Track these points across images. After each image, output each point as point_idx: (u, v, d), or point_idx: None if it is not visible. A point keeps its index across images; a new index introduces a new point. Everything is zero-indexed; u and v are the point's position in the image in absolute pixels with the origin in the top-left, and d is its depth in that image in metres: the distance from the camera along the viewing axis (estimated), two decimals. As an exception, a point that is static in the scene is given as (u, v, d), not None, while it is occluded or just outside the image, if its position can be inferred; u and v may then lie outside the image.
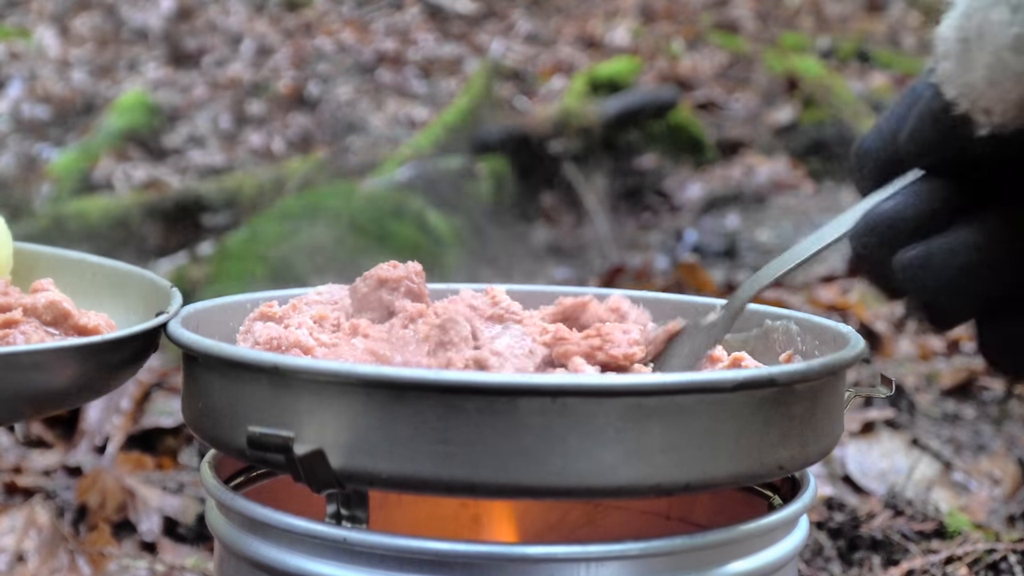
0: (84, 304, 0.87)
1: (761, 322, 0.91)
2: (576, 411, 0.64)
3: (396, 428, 0.65)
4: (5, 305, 0.79)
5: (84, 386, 0.77)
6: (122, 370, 0.80)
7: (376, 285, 0.83)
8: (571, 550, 0.67)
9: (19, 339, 0.76)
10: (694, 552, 0.69)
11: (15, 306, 0.79)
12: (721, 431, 0.67)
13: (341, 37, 5.40)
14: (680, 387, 0.66)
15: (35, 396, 0.73)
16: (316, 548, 0.69)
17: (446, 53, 5.32)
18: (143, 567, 1.37)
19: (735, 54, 5.34)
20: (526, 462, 0.64)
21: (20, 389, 0.72)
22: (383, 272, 0.83)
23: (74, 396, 0.78)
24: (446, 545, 0.67)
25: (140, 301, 0.88)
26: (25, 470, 1.61)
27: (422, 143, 3.73)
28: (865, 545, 1.39)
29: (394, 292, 0.82)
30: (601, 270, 3.21)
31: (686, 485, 0.67)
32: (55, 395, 0.75)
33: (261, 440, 0.67)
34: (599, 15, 5.85)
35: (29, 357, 0.72)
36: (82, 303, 0.87)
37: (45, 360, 0.72)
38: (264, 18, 5.68)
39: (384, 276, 0.83)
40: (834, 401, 0.75)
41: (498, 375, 0.71)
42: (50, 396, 0.75)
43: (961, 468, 1.64)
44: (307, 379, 0.67)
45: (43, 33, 5.38)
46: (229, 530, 0.75)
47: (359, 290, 0.84)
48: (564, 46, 5.50)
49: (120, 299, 0.90)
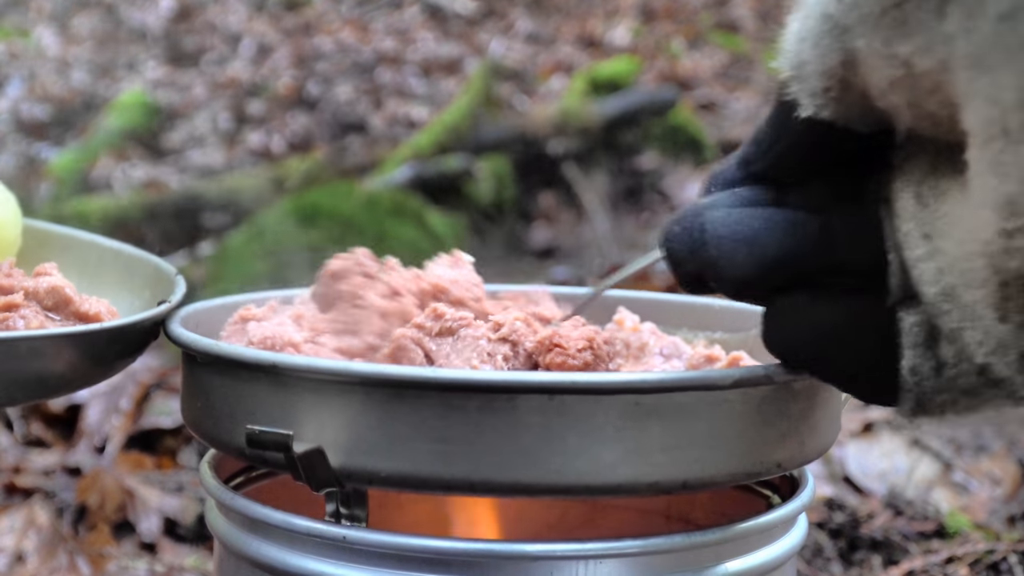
0: (89, 287, 0.87)
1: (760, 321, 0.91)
2: (575, 409, 0.64)
3: (395, 426, 0.65)
4: (7, 287, 0.79)
5: (82, 374, 0.77)
6: (121, 358, 0.80)
7: (330, 280, 0.82)
8: (570, 548, 0.67)
9: (19, 323, 0.76)
10: (693, 550, 0.69)
11: (17, 289, 0.79)
12: (719, 429, 0.67)
13: (341, 37, 5.40)
14: (678, 385, 0.66)
15: (30, 382, 0.73)
16: (316, 547, 0.69)
17: (446, 53, 5.32)
18: (143, 567, 1.37)
19: (735, 54, 5.34)
20: (525, 460, 0.64)
21: (17, 375, 0.71)
22: (333, 266, 0.82)
23: (71, 383, 0.78)
24: (445, 543, 0.67)
25: (146, 287, 0.88)
26: (24, 470, 1.61)
27: (422, 143, 3.73)
28: (865, 545, 1.39)
29: (349, 281, 0.82)
30: (601, 270, 3.21)
31: (684, 483, 0.67)
32: (52, 381, 0.75)
33: (260, 438, 0.67)
34: (599, 15, 5.85)
35: (26, 343, 0.71)
36: (88, 286, 0.87)
37: (42, 347, 0.72)
38: (263, 18, 5.68)
39: (334, 269, 0.82)
40: (832, 399, 0.75)
41: (498, 373, 0.71)
42: (46, 382, 0.75)
43: (961, 468, 1.64)
44: (306, 377, 0.67)
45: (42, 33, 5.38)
46: (229, 530, 0.75)
47: (318, 291, 0.83)
48: (564, 46, 5.50)
49: (126, 283, 0.90)
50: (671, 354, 0.88)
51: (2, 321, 0.76)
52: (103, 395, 1.77)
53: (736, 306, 0.94)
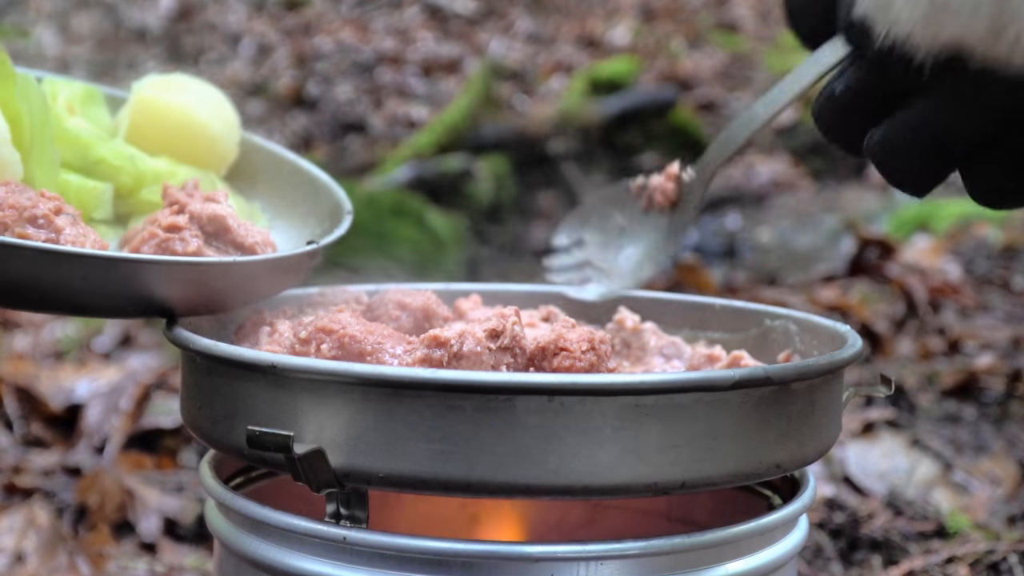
0: (287, 210, 0.93)
1: (760, 321, 0.91)
2: (573, 410, 0.64)
3: (394, 427, 0.65)
4: (182, 206, 0.82)
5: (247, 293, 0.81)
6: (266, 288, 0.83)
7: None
8: (571, 549, 0.67)
9: (177, 245, 0.79)
10: (694, 551, 0.69)
11: (186, 211, 0.81)
12: (719, 430, 0.67)
13: (341, 36, 5.40)
14: (678, 386, 0.66)
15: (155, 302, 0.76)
16: (316, 547, 0.69)
17: (446, 53, 5.32)
18: (142, 567, 1.37)
19: (735, 54, 5.34)
20: (523, 461, 0.64)
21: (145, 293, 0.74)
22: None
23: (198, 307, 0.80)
24: (445, 544, 0.67)
25: (327, 217, 0.91)
26: (25, 470, 1.61)
27: (422, 143, 3.73)
28: (865, 545, 1.39)
29: None
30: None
31: (683, 484, 0.67)
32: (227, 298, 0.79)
33: (261, 439, 0.67)
34: (599, 15, 5.85)
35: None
36: (286, 208, 0.93)
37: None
38: (263, 17, 5.68)
39: None
40: (832, 400, 0.75)
41: (496, 374, 0.71)
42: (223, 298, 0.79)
43: (961, 468, 1.64)
44: (305, 378, 0.67)
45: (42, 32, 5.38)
46: (229, 530, 0.75)
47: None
48: (564, 46, 5.50)
49: (314, 211, 0.94)
50: (672, 354, 0.88)
51: (165, 240, 0.79)
52: (103, 395, 1.77)
53: (736, 306, 0.94)
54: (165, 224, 0.80)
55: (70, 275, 0.72)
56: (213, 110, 0.94)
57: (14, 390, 1.80)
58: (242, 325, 0.83)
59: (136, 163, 0.89)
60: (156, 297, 0.75)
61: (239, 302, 0.81)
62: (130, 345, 2.19)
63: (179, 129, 0.93)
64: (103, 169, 0.87)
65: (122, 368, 1.91)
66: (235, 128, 0.96)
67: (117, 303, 0.75)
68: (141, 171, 0.89)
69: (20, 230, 0.73)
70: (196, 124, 0.93)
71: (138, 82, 0.95)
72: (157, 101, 0.94)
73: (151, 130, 0.93)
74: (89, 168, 0.87)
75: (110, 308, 0.76)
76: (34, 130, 0.81)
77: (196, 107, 0.94)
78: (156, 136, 0.92)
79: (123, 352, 2.14)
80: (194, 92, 0.95)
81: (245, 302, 0.82)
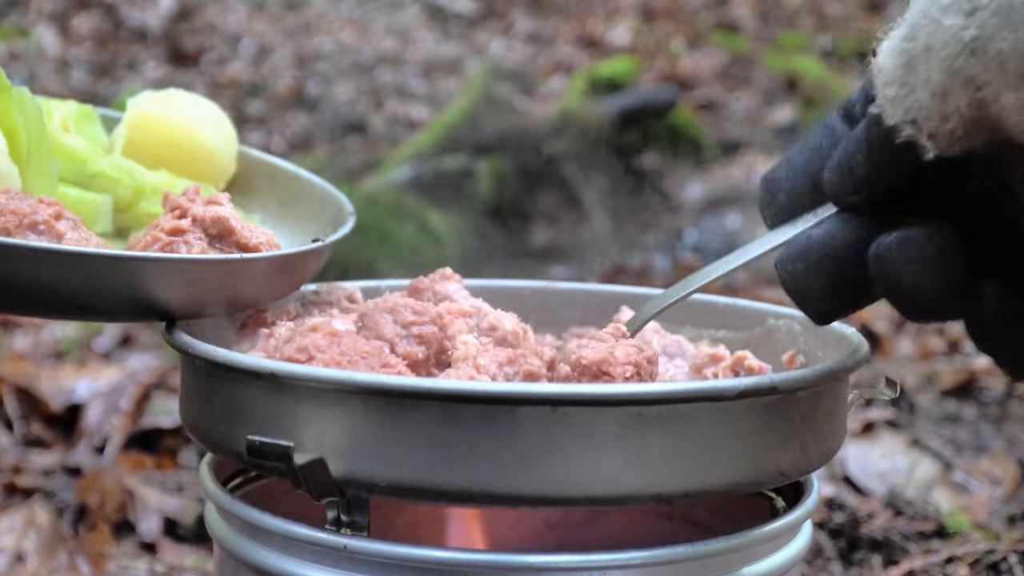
0: (290, 217, 0.94)
1: (764, 321, 0.91)
2: (576, 420, 0.64)
3: (395, 436, 0.65)
4: (184, 211, 0.81)
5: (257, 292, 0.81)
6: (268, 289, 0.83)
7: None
8: (574, 559, 0.67)
9: (181, 248, 0.79)
10: (697, 560, 0.69)
11: (188, 215, 0.81)
12: (723, 439, 0.67)
13: (341, 37, 5.40)
14: (682, 396, 0.66)
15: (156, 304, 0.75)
16: (316, 555, 0.69)
17: (446, 53, 5.32)
18: (142, 567, 1.37)
19: (735, 54, 5.34)
20: (526, 470, 0.64)
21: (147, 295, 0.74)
22: None
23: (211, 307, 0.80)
24: (447, 553, 0.67)
25: (330, 223, 0.91)
26: (25, 470, 1.61)
27: (422, 143, 3.73)
28: (865, 545, 1.39)
29: None
30: (601, 270, 3.21)
31: (686, 493, 0.67)
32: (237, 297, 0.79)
33: (261, 449, 0.67)
34: (599, 15, 5.85)
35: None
36: (289, 215, 0.94)
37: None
38: (263, 18, 5.67)
39: None
40: (837, 406, 0.75)
41: (498, 384, 0.70)
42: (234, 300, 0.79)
43: (961, 468, 1.64)
44: (306, 386, 0.66)
45: (42, 32, 5.38)
46: (229, 534, 0.74)
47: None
48: (564, 46, 5.49)
49: (316, 217, 0.94)
50: (675, 353, 0.87)
51: (168, 244, 0.79)
52: (103, 395, 1.77)
53: (739, 304, 0.94)
54: (168, 228, 0.79)
55: (74, 276, 0.71)
56: (211, 124, 0.94)
57: (14, 390, 1.80)
58: (244, 324, 0.83)
59: (134, 175, 0.88)
60: (161, 298, 0.75)
61: (245, 304, 0.80)
62: (130, 345, 2.19)
63: (177, 144, 0.92)
64: (101, 182, 0.87)
65: (122, 368, 1.91)
66: (233, 142, 0.95)
67: (121, 304, 0.75)
68: (140, 183, 0.88)
69: (21, 236, 0.73)
70: (194, 139, 0.92)
71: (133, 98, 0.95)
72: (154, 116, 0.93)
73: (148, 146, 0.92)
74: (87, 182, 0.87)
75: (114, 310, 0.76)
76: (31, 143, 0.81)
77: (194, 122, 0.93)
78: (153, 151, 0.92)
79: (123, 352, 2.14)
80: (191, 107, 0.94)
81: (251, 304, 0.81)
